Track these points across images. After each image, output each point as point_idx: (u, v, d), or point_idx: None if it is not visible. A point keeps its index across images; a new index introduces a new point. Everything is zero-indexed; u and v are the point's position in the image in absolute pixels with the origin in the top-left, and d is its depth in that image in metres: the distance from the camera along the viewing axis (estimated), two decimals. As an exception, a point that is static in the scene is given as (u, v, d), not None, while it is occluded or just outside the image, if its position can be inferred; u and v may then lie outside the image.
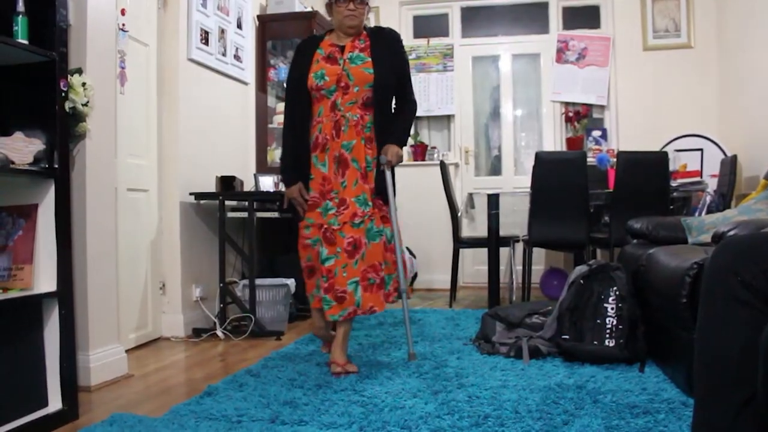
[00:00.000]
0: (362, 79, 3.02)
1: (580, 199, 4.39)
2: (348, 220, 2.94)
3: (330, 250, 2.93)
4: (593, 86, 6.09)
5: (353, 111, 3.03)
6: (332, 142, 3.02)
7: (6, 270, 2.41)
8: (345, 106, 3.03)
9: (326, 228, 2.95)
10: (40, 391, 2.41)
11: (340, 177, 3.01)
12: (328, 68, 3.04)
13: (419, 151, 6.41)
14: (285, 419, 2.28)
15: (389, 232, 3.10)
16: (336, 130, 3.02)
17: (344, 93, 3.02)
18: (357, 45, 3.10)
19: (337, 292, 2.89)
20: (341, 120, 3.02)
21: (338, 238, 2.91)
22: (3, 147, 2.26)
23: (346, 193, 2.99)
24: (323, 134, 3.04)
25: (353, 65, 3.03)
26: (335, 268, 2.90)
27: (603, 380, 2.69)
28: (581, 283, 3.11)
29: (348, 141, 3.02)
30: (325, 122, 3.04)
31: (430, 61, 6.45)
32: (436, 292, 5.92)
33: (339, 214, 2.95)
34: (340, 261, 2.91)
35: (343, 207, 2.96)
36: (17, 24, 2.30)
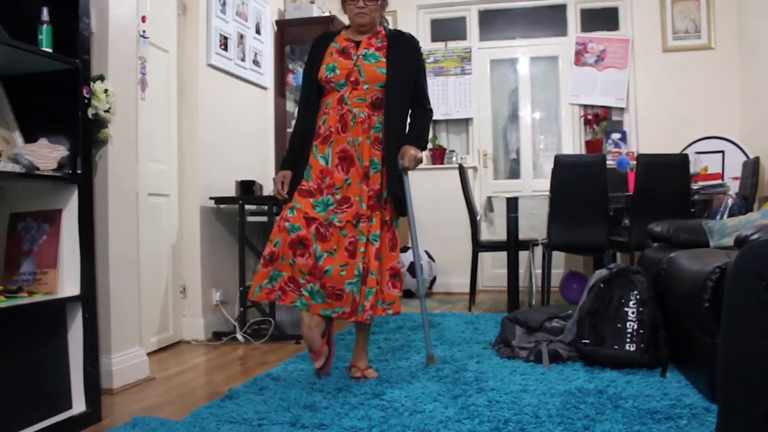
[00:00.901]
0: (373, 78, 2.92)
1: (600, 203, 4.37)
2: (351, 218, 2.87)
3: (323, 247, 2.84)
4: (612, 88, 6.06)
5: (361, 108, 2.93)
6: (337, 136, 2.92)
7: (31, 274, 2.45)
8: (352, 101, 2.93)
9: (321, 223, 2.86)
10: (65, 393, 2.44)
11: (343, 173, 2.91)
12: (340, 62, 2.96)
13: (437, 154, 6.42)
14: (305, 423, 2.29)
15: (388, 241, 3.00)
16: (342, 124, 2.92)
17: (353, 88, 2.93)
18: (374, 43, 3.00)
19: (332, 290, 2.83)
20: (347, 114, 2.92)
21: (337, 236, 2.85)
22: (28, 153, 2.29)
23: (350, 191, 2.90)
24: (327, 125, 2.94)
25: (366, 62, 2.94)
26: (329, 266, 2.82)
27: (624, 385, 2.67)
28: (601, 287, 3.10)
29: (354, 137, 2.91)
30: (331, 114, 2.94)
31: (448, 64, 6.45)
32: (455, 296, 5.91)
33: (342, 211, 2.87)
34: (336, 259, 2.83)
35: (346, 205, 2.88)
36: (42, 33, 2.34)
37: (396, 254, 3.01)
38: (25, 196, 2.51)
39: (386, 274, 2.94)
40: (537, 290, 5.00)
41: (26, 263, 2.47)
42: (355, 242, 2.85)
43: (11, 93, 2.48)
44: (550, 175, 4.48)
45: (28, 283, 2.44)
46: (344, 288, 2.82)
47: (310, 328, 2.90)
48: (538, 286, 4.98)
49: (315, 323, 2.90)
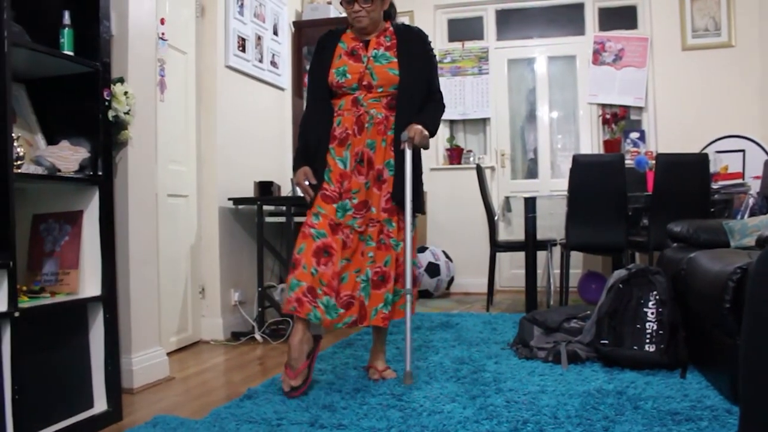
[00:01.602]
0: (387, 80, 2.83)
1: (619, 202, 4.34)
2: (369, 223, 2.83)
3: (342, 254, 2.78)
4: (631, 88, 6.02)
5: (378, 109, 2.84)
6: (354, 138, 2.83)
7: (53, 275, 2.48)
8: (368, 102, 2.84)
9: (342, 229, 2.80)
10: (87, 392, 2.47)
11: (363, 177, 2.83)
12: (351, 65, 2.85)
13: (455, 154, 6.41)
14: (324, 423, 2.30)
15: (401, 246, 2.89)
16: (359, 126, 2.83)
17: (368, 92, 2.84)
18: (382, 42, 2.89)
19: (346, 298, 2.77)
20: (364, 116, 2.83)
21: (356, 242, 2.80)
22: (50, 156, 2.32)
23: (368, 195, 2.84)
24: (343, 127, 2.84)
25: (378, 64, 2.84)
26: (345, 273, 2.77)
27: (643, 386, 2.66)
28: (620, 288, 3.08)
29: (372, 139, 2.83)
30: (346, 116, 2.85)
31: (465, 64, 6.44)
32: (473, 296, 5.90)
33: (360, 216, 2.81)
34: (352, 266, 2.79)
35: (365, 209, 2.83)
36: (64, 36, 2.37)
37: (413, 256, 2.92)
38: (47, 197, 2.54)
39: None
40: (555, 290, 4.98)
41: (48, 264, 2.50)
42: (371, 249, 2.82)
43: (33, 96, 2.52)
44: (568, 175, 4.46)
45: (51, 283, 2.47)
46: (355, 294, 2.78)
47: (301, 342, 2.73)
48: (557, 287, 4.96)
49: (306, 339, 2.75)
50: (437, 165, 6.49)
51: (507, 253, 5.64)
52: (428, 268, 5.76)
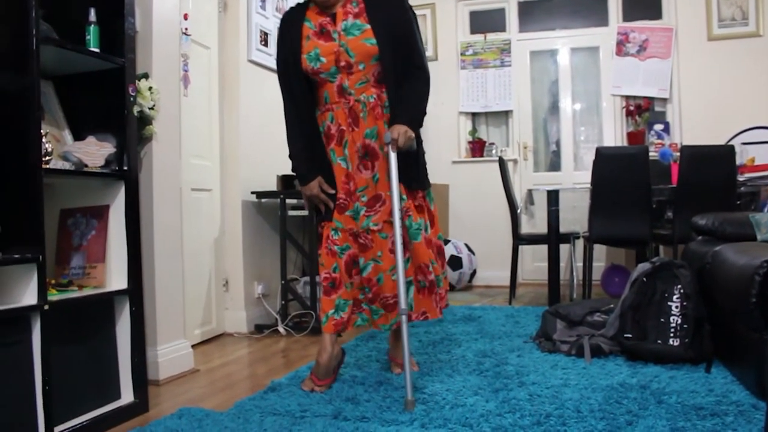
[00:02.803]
0: (365, 54, 2.53)
1: (643, 195, 4.30)
2: (387, 217, 2.59)
3: (367, 257, 2.63)
4: (655, 79, 5.95)
5: (367, 91, 2.57)
6: (351, 133, 2.59)
7: (81, 268, 2.52)
8: (355, 88, 2.56)
9: (360, 232, 2.62)
10: (114, 384, 2.51)
11: (369, 171, 2.62)
12: (323, 46, 2.55)
13: (477, 147, 6.40)
14: (347, 415, 2.31)
15: (423, 222, 2.69)
16: (353, 118, 2.58)
17: (349, 73, 2.55)
18: (350, 10, 2.57)
19: (387, 300, 2.65)
20: (356, 105, 2.58)
21: (378, 241, 2.61)
22: (77, 151, 2.36)
23: (380, 188, 2.61)
24: (336, 124, 2.60)
25: (350, 37, 2.53)
26: (379, 275, 2.63)
27: (667, 380, 2.64)
28: (644, 281, 3.06)
29: (370, 128, 2.59)
30: (336, 109, 2.60)
31: (488, 56, 6.41)
32: (495, 289, 5.90)
33: (375, 212, 2.61)
34: (383, 266, 2.62)
35: (379, 204, 2.61)
36: (89, 33, 2.40)
37: (435, 229, 2.81)
38: (74, 192, 2.58)
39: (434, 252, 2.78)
40: (578, 284, 4.96)
41: (76, 257, 2.54)
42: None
43: (61, 92, 2.56)
44: (591, 168, 4.43)
45: (78, 277, 2.51)
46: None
47: (331, 357, 2.66)
48: (579, 280, 4.94)
49: (336, 353, 2.70)
50: (459, 158, 6.48)
51: (529, 246, 5.62)
52: (450, 261, 5.76)
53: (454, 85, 6.50)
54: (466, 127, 6.52)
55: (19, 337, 2.07)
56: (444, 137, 6.52)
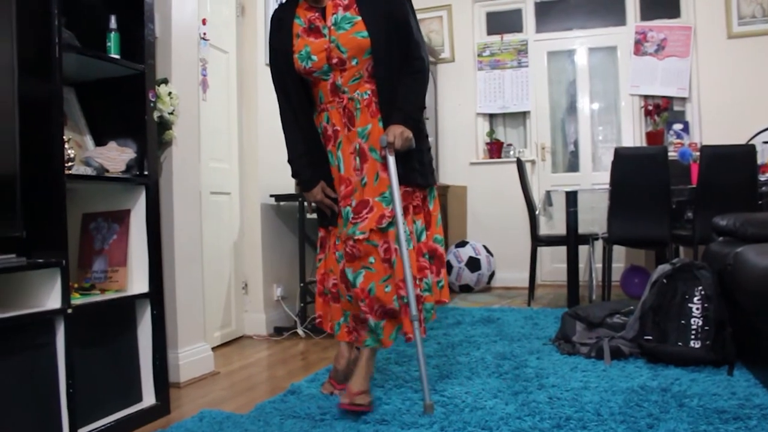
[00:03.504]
0: (357, 48, 2.38)
1: (662, 196, 4.27)
2: (375, 225, 2.36)
3: (355, 267, 2.38)
4: (674, 78, 5.90)
5: (361, 88, 2.43)
6: (347, 134, 2.45)
7: (103, 272, 2.55)
8: (349, 85, 2.42)
9: (346, 240, 2.41)
10: (136, 386, 2.53)
11: (358, 173, 2.43)
12: (313, 44, 2.41)
13: (495, 148, 6.38)
14: (367, 418, 2.32)
15: (420, 225, 2.52)
16: (348, 117, 2.44)
17: (342, 70, 2.41)
18: (340, 2, 2.42)
19: (384, 308, 2.40)
20: (350, 104, 2.43)
21: (367, 248, 2.37)
22: (99, 156, 2.39)
23: (366, 193, 2.40)
24: (332, 124, 2.47)
25: (341, 31, 2.37)
26: (370, 284, 2.37)
27: (689, 383, 2.62)
28: (664, 283, 3.04)
29: (363, 127, 2.43)
30: (331, 109, 2.47)
31: (505, 57, 6.39)
32: (514, 291, 5.88)
33: (361, 219, 2.38)
34: (375, 275, 2.37)
35: (366, 210, 2.38)
36: (110, 40, 2.43)
37: (431, 231, 2.59)
38: (96, 197, 2.61)
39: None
40: (597, 285, 4.94)
41: (98, 261, 2.57)
42: (387, 248, 2.39)
43: (82, 99, 2.59)
44: (609, 168, 4.40)
45: (100, 280, 2.54)
46: (394, 306, 2.40)
47: (348, 362, 2.63)
48: (599, 281, 4.91)
49: (353, 358, 2.64)
50: (477, 159, 6.47)
51: (548, 248, 5.60)
52: (469, 263, 5.75)
53: (471, 87, 6.49)
54: (484, 128, 6.51)
55: (44, 340, 2.10)
56: (461, 139, 6.52)
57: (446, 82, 6.56)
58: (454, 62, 6.54)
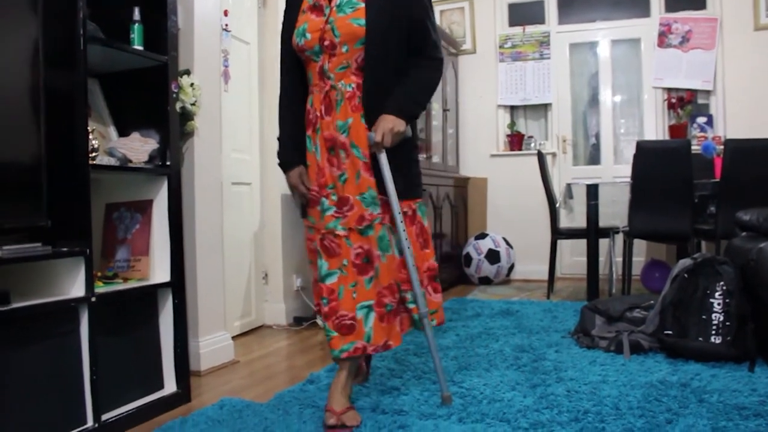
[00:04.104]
0: (350, 35, 2.22)
1: (684, 190, 4.24)
2: (354, 224, 2.23)
3: (332, 264, 2.24)
4: (698, 71, 5.83)
5: (346, 79, 2.26)
6: (322, 121, 2.29)
7: (125, 261, 2.58)
8: (335, 72, 2.26)
9: (324, 234, 2.25)
10: (158, 374, 2.57)
11: (336, 168, 2.28)
12: (312, 22, 2.28)
13: (516, 140, 6.36)
14: (385, 408, 2.34)
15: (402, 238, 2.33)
16: (326, 105, 2.28)
17: (331, 55, 2.25)
18: None
19: (343, 320, 2.21)
20: (332, 92, 2.27)
21: (344, 248, 2.22)
22: (122, 147, 2.42)
23: (347, 190, 2.25)
24: (314, 109, 2.32)
25: (340, 14, 2.24)
26: (339, 287, 2.22)
27: (709, 378, 2.61)
28: (685, 277, 3.02)
29: (343, 120, 2.26)
30: (315, 93, 2.32)
31: (527, 49, 6.36)
32: (533, 283, 5.87)
33: (342, 215, 2.24)
34: (347, 278, 2.22)
35: (346, 208, 2.24)
36: (134, 32, 2.45)
37: (430, 251, 2.45)
38: (119, 187, 2.64)
39: (424, 277, 2.40)
40: (617, 279, 4.91)
41: (121, 251, 2.61)
42: (364, 254, 2.24)
43: (106, 90, 2.62)
44: (631, 161, 4.37)
45: (123, 269, 2.57)
46: (355, 315, 2.22)
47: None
48: (619, 275, 4.88)
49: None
50: (498, 151, 6.45)
51: (568, 241, 5.58)
52: (488, 255, 5.75)
53: (492, 79, 6.47)
54: (505, 120, 6.48)
55: (69, 327, 2.14)
56: (482, 131, 6.50)
57: (467, 74, 6.54)
58: (475, 54, 6.51)
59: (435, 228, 5.39)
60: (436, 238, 5.39)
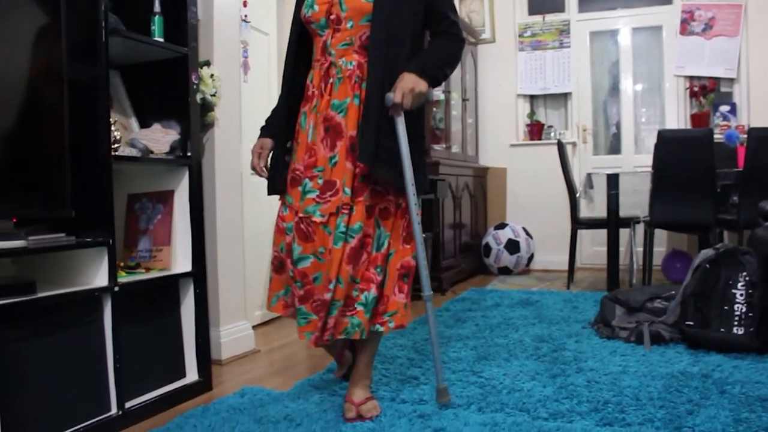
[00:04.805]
0: (357, 10, 2.11)
1: (707, 179, 4.19)
2: (334, 210, 2.10)
3: (305, 249, 2.11)
4: (721, 58, 5.75)
5: (347, 56, 2.15)
6: (321, 99, 2.17)
7: (147, 251, 2.61)
8: (336, 49, 2.15)
9: (302, 218, 2.13)
10: (180, 363, 2.60)
11: (328, 150, 2.13)
12: None
13: (535, 130, 6.32)
14: (405, 398, 2.35)
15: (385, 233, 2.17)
16: (325, 82, 2.17)
17: (336, 29, 2.15)
18: None
19: (317, 303, 2.11)
20: (331, 69, 2.16)
21: (321, 235, 2.10)
22: (143, 138, 2.44)
23: (336, 174, 2.12)
24: (313, 85, 2.21)
25: None
26: (317, 273, 2.10)
27: (731, 370, 2.59)
28: (707, 268, 2.99)
29: (340, 100, 2.14)
30: (316, 68, 2.21)
31: (546, 38, 6.31)
32: (553, 273, 5.84)
33: (324, 201, 2.11)
34: (325, 266, 2.10)
35: (330, 193, 2.11)
36: (154, 23, 2.47)
37: (411, 247, 2.23)
38: (141, 177, 2.67)
39: (395, 274, 2.19)
40: (638, 269, 4.88)
41: (143, 241, 2.64)
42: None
43: (127, 82, 2.64)
44: (652, 150, 4.33)
45: (145, 259, 2.60)
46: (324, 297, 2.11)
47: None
48: (639, 265, 4.85)
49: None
50: (517, 141, 6.42)
51: (588, 230, 5.55)
52: (508, 245, 5.74)
53: (512, 67, 6.43)
54: (524, 109, 6.44)
55: (92, 316, 2.17)
56: (502, 120, 6.47)
57: (487, 63, 6.51)
58: (494, 43, 6.47)
59: (454, 218, 5.38)
60: (455, 228, 5.39)
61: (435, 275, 4.88)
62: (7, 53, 2.01)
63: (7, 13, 1.98)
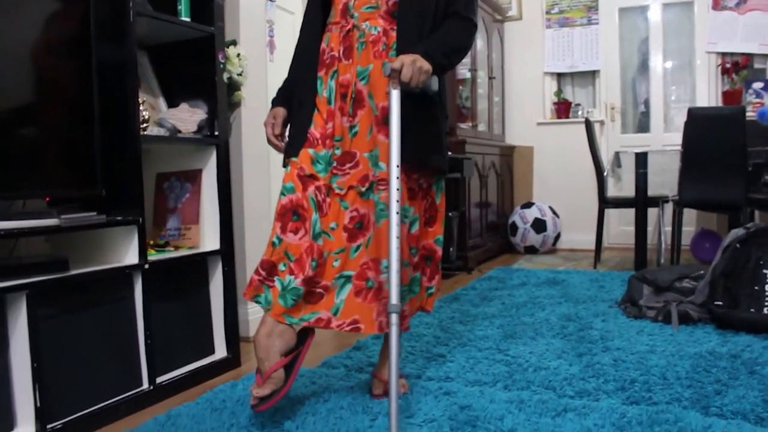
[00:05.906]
0: None
1: (738, 158, 4.12)
2: (356, 183, 1.98)
3: (323, 223, 1.98)
4: (756, 34, 5.62)
5: (372, 21, 1.99)
6: (340, 64, 2.02)
7: (176, 230, 2.64)
8: (360, 11, 2.00)
9: (319, 187, 1.99)
10: (209, 339, 2.64)
11: (348, 119, 2.00)
12: None
13: (563, 108, 6.26)
14: (431, 375, 2.36)
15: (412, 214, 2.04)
16: (346, 46, 2.01)
17: None
18: None
19: (316, 287, 1.97)
20: (354, 32, 2.01)
21: (336, 209, 1.99)
22: (171, 118, 2.46)
23: (356, 145, 1.99)
24: (330, 48, 2.04)
25: None
26: (324, 252, 1.97)
27: (761, 350, 2.56)
28: (737, 247, 2.96)
29: (363, 66, 1.99)
30: (334, 31, 2.04)
31: (574, 14, 6.21)
32: (580, 253, 5.81)
33: (342, 173, 1.98)
34: (333, 244, 1.97)
35: (349, 165, 1.98)
36: (181, 3, 2.48)
37: (434, 230, 2.15)
38: (169, 157, 2.69)
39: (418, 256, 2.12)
40: (666, 249, 4.83)
41: (172, 219, 2.67)
42: (358, 218, 1.99)
43: (154, 62, 2.66)
44: (682, 129, 4.27)
45: (174, 238, 2.64)
46: (330, 285, 1.98)
47: (270, 335, 1.93)
48: (668, 245, 4.80)
49: (279, 332, 1.94)
50: (544, 119, 6.36)
51: (616, 210, 5.50)
52: (534, 224, 5.71)
53: (539, 45, 6.35)
54: (552, 87, 6.38)
55: (124, 293, 2.21)
56: (528, 98, 6.41)
57: (513, 41, 6.44)
58: (521, 20, 6.40)
59: (480, 197, 5.36)
60: (481, 207, 5.38)
61: (462, 254, 4.89)
62: (36, 35, 2.03)
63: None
